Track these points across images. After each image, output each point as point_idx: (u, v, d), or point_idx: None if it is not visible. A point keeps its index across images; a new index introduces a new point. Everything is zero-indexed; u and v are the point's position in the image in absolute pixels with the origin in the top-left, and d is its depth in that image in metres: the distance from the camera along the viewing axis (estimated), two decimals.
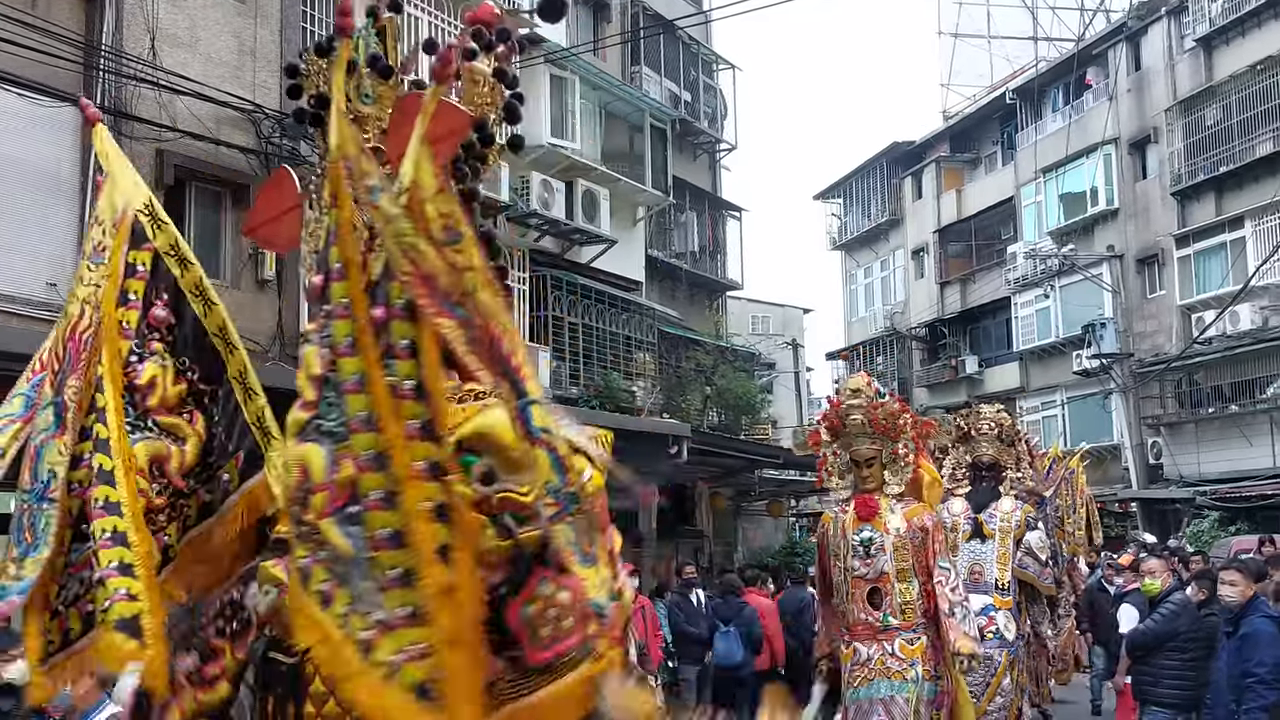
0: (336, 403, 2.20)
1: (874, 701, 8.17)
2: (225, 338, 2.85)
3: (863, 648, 8.36)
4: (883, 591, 8.33)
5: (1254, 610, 8.82)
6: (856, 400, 8.62)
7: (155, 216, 2.89)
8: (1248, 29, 27.31)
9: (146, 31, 13.12)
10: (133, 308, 2.76)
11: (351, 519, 2.13)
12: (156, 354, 2.75)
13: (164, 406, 2.73)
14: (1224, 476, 26.73)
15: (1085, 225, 31.86)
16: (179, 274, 2.85)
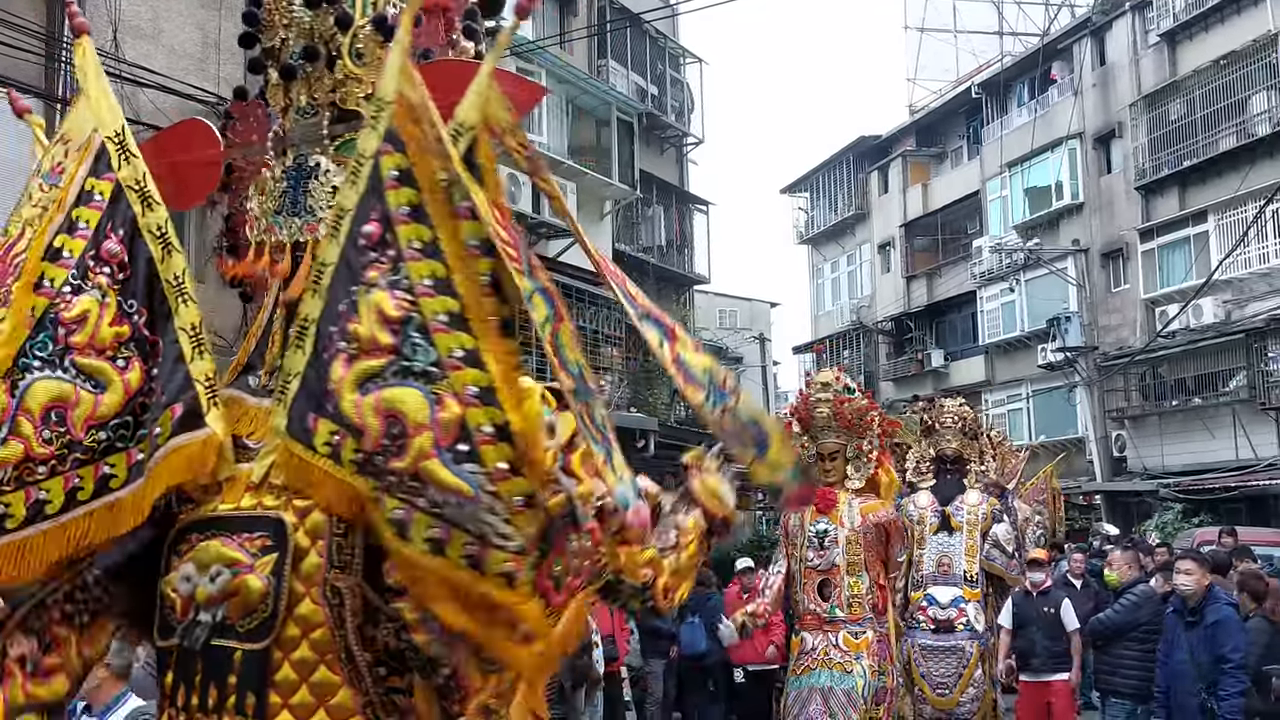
0: (422, 343, 2.12)
1: (813, 690, 8.26)
2: (180, 287, 2.56)
3: (810, 637, 8.48)
4: (832, 583, 8.46)
5: (1215, 599, 8.92)
6: (824, 394, 8.70)
7: (125, 147, 2.61)
8: (1211, 24, 27.50)
9: (109, 23, 13.00)
10: (79, 236, 2.48)
11: (464, 457, 2.05)
12: (98, 288, 2.46)
13: (92, 346, 2.42)
14: (1187, 469, 26.92)
15: (1050, 219, 32.03)
16: (139, 211, 2.55)
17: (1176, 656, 9.03)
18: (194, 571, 2.39)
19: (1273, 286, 25.27)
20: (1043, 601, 11.03)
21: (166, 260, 2.55)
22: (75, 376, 2.39)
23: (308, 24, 2.75)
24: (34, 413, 2.32)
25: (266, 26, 2.86)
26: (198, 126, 3.00)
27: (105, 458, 2.41)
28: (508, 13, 2.64)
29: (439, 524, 2.04)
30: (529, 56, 19.86)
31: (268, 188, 2.75)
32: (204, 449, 2.43)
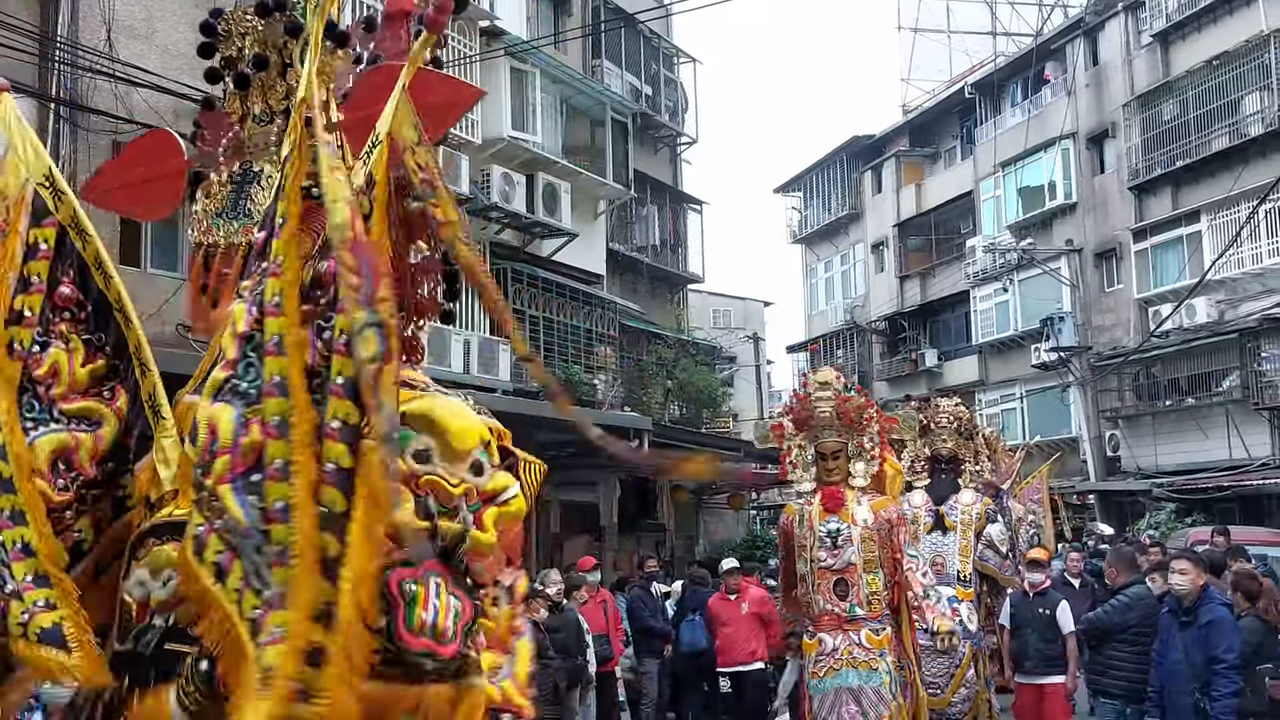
0: (255, 363, 2.12)
1: (841, 691, 8.21)
2: (124, 311, 2.69)
3: (829, 638, 8.39)
4: (849, 582, 8.38)
5: (1209, 599, 8.91)
6: (825, 393, 8.68)
7: (55, 187, 2.69)
8: (1204, 24, 27.52)
9: (102, 23, 12.99)
10: (35, 292, 2.55)
11: (251, 488, 2.03)
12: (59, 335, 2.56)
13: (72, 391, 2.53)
14: (1180, 468, 26.94)
15: (1044, 219, 32.04)
16: (80, 246, 2.67)
17: (1171, 656, 9.00)
18: (147, 576, 2.43)
19: (1266, 286, 25.28)
20: (1039, 603, 10.88)
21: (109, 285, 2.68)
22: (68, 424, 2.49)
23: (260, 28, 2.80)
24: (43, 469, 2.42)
25: (224, 37, 2.89)
26: (164, 137, 3.06)
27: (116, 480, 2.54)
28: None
29: (226, 550, 2.03)
30: (523, 56, 19.84)
31: (213, 191, 2.83)
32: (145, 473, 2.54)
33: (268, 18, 2.81)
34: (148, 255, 13.63)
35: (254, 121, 2.84)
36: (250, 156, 2.81)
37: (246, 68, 2.83)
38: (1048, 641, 10.66)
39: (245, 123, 2.87)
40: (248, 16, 2.84)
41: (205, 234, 2.80)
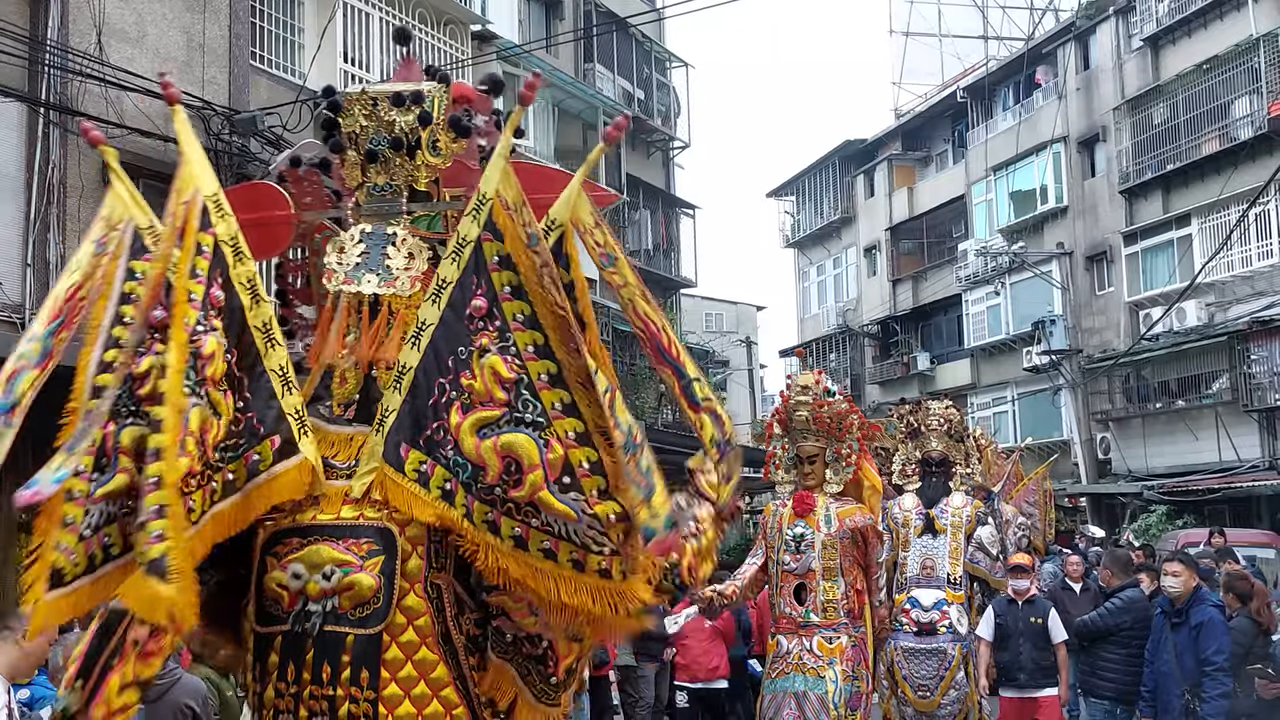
0: (530, 399, 2.76)
1: (787, 695, 8.24)
2: (268, 333, 2.99)
3: (785, 641, 8.43)
4: (808, 588, 8.39)
5: (1201, 600, 8.94)
6: (804, 397, 8.65)
7: (220, 206, 3.04)
8: (1194, 29, 27.60)
9: (93, 27, 12.96)
10: (199, 282, 2.87)
11: (568, 487, 2.72)
12: (215, 330, 2.87)
13: (214, 380, 2.84)
14: (1171, 471, 27.02)
15: (1035, 223, 32.12)
16: (231, 264, 2.97)
17: (1163, 657, 9.04)
18: (304, 570, 2.91)
19: (1255, 289, 25.37)
20: (1029, 611, 10.50)
21: (255, 309, 2.98)
22: (208, 405, 2.81)
23: (394, 118, 3.31)
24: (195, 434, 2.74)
25: (346, 114, 3.38)
26: (270, 190, 3.51)
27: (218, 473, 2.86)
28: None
29: (549, 538, 2.73)
30: (515, 60, 19.86)
31: (346, 247, 3.25)
32: (300, 472, 2.93)
33: (401, 107, 3.31)
34: None
35: (373, 190, 3.32)
36: (378, 220, 3.28)
37: (374, 146, 3.30)
38: (1041, 651, 10.34)
39: (361, 189, 3.33)
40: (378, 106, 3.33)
41: (345, 283, 3.20)
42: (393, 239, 3.25)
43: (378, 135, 3.32)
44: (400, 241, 3.25)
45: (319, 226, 3.48)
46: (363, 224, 3.29)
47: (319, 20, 16.16)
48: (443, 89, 3.39)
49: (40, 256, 12.30)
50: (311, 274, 3.49)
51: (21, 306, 12.09)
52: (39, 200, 12.32)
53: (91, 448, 2.79)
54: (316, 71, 15.78)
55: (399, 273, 3.20)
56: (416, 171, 3.34)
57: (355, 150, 3.34)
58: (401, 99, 3.33)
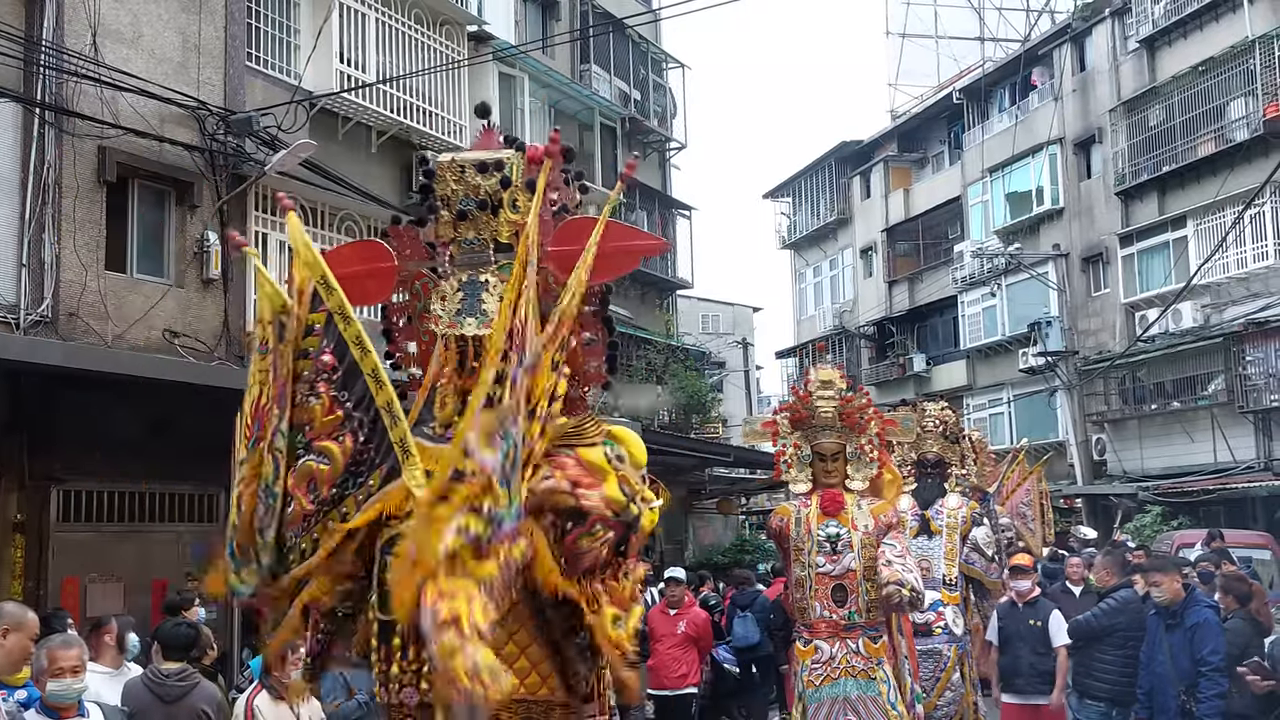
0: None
1: (838, 701, 7.98)
2: (376, 377, 3.52)
3: (825, 646, 8.11)
4: (848, 589, 8.11)
5: (1195, 602, 8.94)
6: (828, 392, 8.41)
7: (327, 284, 3.58)
8: (1189, 30, 27.62)
9: (88, 27, 12.94)
10: (308, 358, 3.57)
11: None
12: (317, 395, 3.53)
13: (319, 434, 3.52)
14: (1166, 472, 27.04)
15: (1031, 224, 32.14)
16: (342, 328, 3.55)
17: (1158, 659, 9.03)
18: None
19: (1251, 291, 25.38)
20: (1030, 614, 10.43)
21: (364, 359, 3.54)
22: (317, 457, 3.51)
23: (478, 183, 3.92)
24: (301, 484, 3.51)
25: (439, 180, 3.97)
26: (374, 245, 4.14)
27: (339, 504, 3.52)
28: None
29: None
30: (511, 61, 19.85)
31: (447, 295, 3.89)
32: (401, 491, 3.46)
33: (485, 173, 3.91)
34: (133, 262, 13.60)
35: (464, 244, 3.93)
36: (471, 270, 3.89)
37: (464, 206, 3.92)
38: (1041, 655, 10.26)
39: (454, 244, 3.95)
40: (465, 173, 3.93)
41: (449, 327, 3.85)
42: (485, 285, 3.85)
43: (466, 198, 3.92)
44: (491, 287, 3.84)
45: (417, 274, 4.07)
46: (459, 274, 3.90)
47: (315, 21, 16.15)
48: (519, 156, 3.95)
49: (35, 257, 12.29)
50: (412, 314, 4.12)
51: (16, 307, 12.08)
52: (34, 201, 12.30)
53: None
54: (312, 72, 15.78)
55: (494, 315, 3.73)
56: (500, 227, 3.92)
57: (448, 210, 3.95)
58: (485, 166, 3.92)
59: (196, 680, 7.17)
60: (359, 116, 16.72)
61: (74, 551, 12.48)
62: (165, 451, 12.51)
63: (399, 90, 17.13)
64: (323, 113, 16.08)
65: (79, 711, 5.88)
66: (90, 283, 12.69)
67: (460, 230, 3.94)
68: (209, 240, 14.00)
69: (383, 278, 4.08)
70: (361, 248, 4.25)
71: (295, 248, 3.66)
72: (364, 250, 4.19)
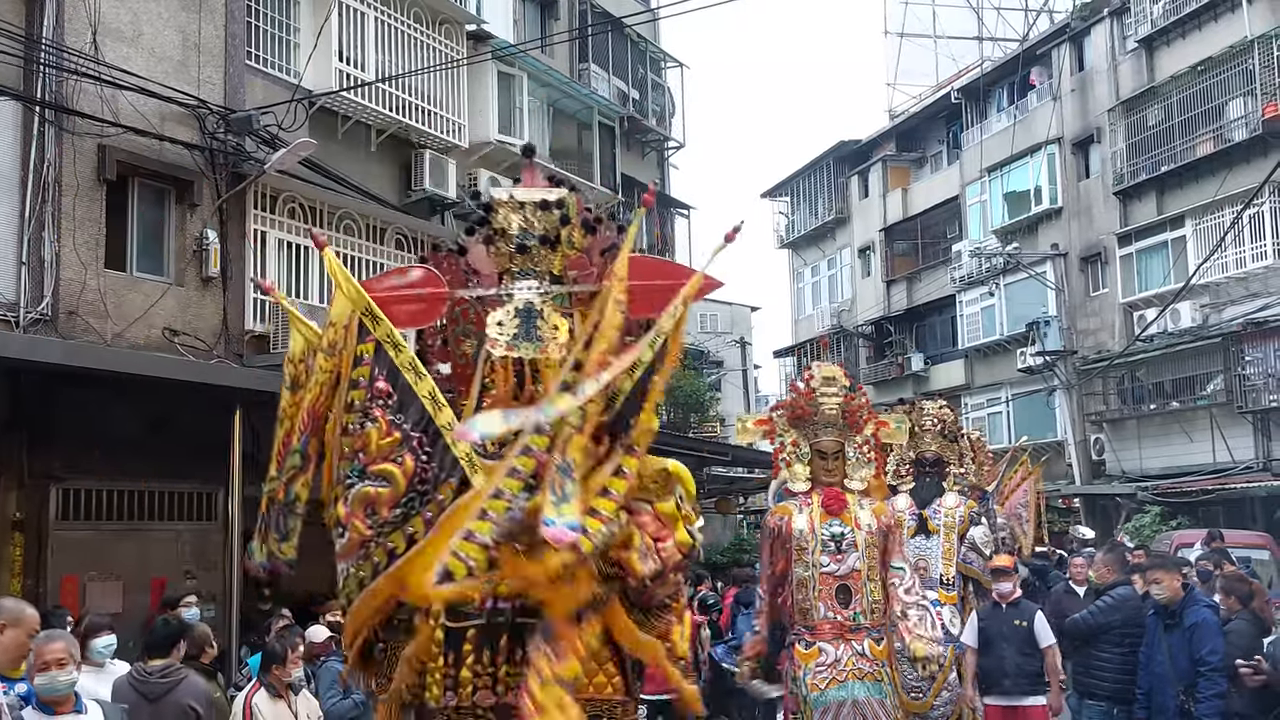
0: None
1: (845, 704, 7.81)
2: (434, 398, 3.83)
3: (830, 648, 7.94)
4: (852, 589, 7.96)
5: (1194, 601, 8.94)
6: (831, 389, 8.25)
7: (373, 315, 3.86)
8: (1188, 30, 27.63)
9: (88, 26, 12.94)
10: (360, 389, 3.80)
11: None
12: (373, 420, 3.75)
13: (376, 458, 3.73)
14: (1165, 472, 27.04)
15: (1029, 224, 32.15)
16: (393, 355, 3.82)
17: (1157, 659, 9.02)
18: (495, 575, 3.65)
19: (1250, 290, 25.39)
20: (1013, 614, 10.14)
21: (418, 383, 3.82)
22: (374, 481, 3.70)
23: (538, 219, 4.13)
24: (357, 511, 3.68)
25: (496, 212, 4.18)
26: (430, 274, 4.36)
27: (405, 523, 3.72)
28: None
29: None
30: (510, 60, 19.85)
31: (504, 321, 4.10)
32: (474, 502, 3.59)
33: (546, 211, 4.14)
34: (133, 260, 13.61)
35: (518, 275, 4.17)
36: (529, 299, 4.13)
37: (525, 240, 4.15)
38: (1026, 656, 10.02)
39: (508, 274, 4.19)
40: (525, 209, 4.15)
41: (508, 350, 4.06)
42: (540, 313, 4.11)
43: (526, 232, 4.16)
44: (545, 316, 4.11)
45: (457, 300, 4.34)
46: (515, 302, 4.14)
47: (315, 20, 16.15)
48: (574, 195, 4.23)
49: (35, 255, 12.30)
50: (448, 337, 4.39)
51: (16, 305, 12.08)
52: (34, 199, 12.31)
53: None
54: (312, 71, 15.78)
55: (548, 341, 4.05)
56: (556, 261, 4.19)
57: (505, 242, 4.19)
58: (547, 204, 4.16)
59: (182, 676, 7.15)
60: (358, 115, 16.73)
61: (73, 550, 12.49)
62: (164, 450, 12.52)
63: (398, 89, 17.13)
64: (322, 111, 16.09)
65: (76, 708, 5.87)
66: (90, 281, 12.70)
67: (517, 262, 4.19)
68: (208, 239, 14.01)
69: (433, 303, 4.35)
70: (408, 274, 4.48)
71: (336, 282, 3.95)
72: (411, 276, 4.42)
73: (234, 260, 14.38)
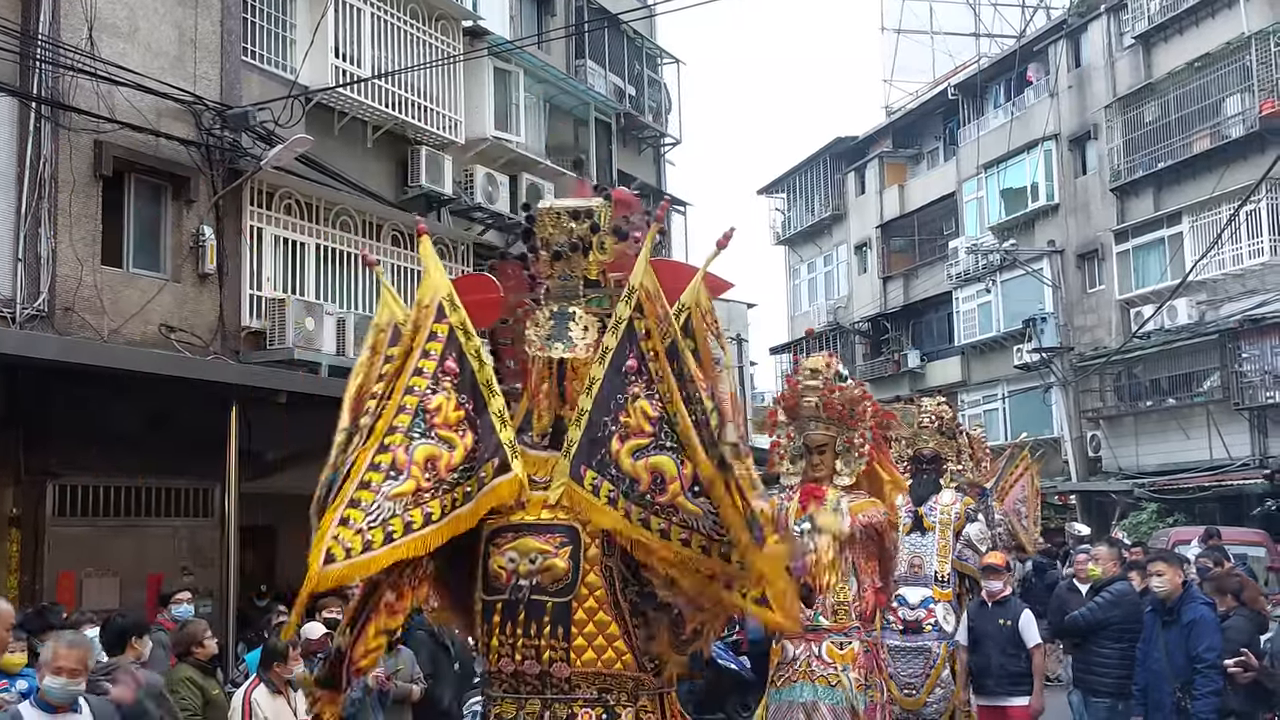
0: (670, 431, 3.80)
1: (794, 705, 7.55)
2: (490, 386, 4.15)
3: (790, 646, 7.70)
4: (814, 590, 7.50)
5: (1192, 598, 8.93)
6: (814, 381, 7.96)
7: (453, 302, 4.20)
8: (1185, 27, 27.65)
9: (85, 21, 12.92)
10: (430, 359, 4.10)
11: (697, 494, 3.71)
12: (444, 390, 4.07)
13: (444, 424, 4.02)
14: (1162, 469, 27.08)
15: (1026, 220, 32.16)
16: (463, 341, 4.16)
17: (1154, 655, 9.01)
18: (516, 555, 4.05)
19: (1246, 287, 25.43)
20: (999, 613, 9.94)
21: (480, 370, 4.17)
22: (438, 442, 4.00)
23: (571, 227, 4.45)
24: (419, 464, 3.93)
25: (539, 224, 4.52)
26: (484, 278, 4.77)
27: (456, 488, 4.01)
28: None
29: (685, 530, 3.75)
30: (506, 56, 19.83)
31: (540, 322, 4.46)
32: (511, 485, 4.06)
33: (578, 220, 4.44)
34: (130, 256, 13.60)
35: (559, 279, 4.47)
36: (563, 302, 4.44)
37: (560, 248, 4.46)
38: (1010, 656, 9.79)
39: (550, 279, 4.49)
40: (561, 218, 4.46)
41: (540, 351, 4.40)
42: (573, 316, 4.43)
43: (561, 240, 4.46)
44: (579, 318, 4.42)
45: (519, 303, 4.63)
46: (552, 305, 4.46)
47: (311, 16, 16.14)
48: (607, 204, 4.48)
49: (31, 251, 12.28)
50: (514, 337, 4.65)
51: (12, 301, 12.07)
52: (30, 195, 12.29)
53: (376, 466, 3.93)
54: (308, 67, 15.76)
55: (579, 341, 4.37)
56: (589, 266, 4.47)
57: (545, 250, 4.51)
58: (578, 214, 4.47)
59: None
60: (355, 111, 16.71)
61: (70, 546, 12.49)
62: (161, 446, 12.52)
63: (394, 85, 17.12)
64: (319, 108, 16.07)
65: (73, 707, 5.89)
66: (86, 277, 12.69)
67: (555, 268, 4.50)
68: (205, 235, 13.99)
69: (491, 305, 4.69)
70: (476, 279, 4.97)
71: (427, 268, 4.30)
72: (477, 281, 4.86)
73: (230, 256, 14.37)
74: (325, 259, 15.97)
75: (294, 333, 14.32)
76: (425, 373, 4.10)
